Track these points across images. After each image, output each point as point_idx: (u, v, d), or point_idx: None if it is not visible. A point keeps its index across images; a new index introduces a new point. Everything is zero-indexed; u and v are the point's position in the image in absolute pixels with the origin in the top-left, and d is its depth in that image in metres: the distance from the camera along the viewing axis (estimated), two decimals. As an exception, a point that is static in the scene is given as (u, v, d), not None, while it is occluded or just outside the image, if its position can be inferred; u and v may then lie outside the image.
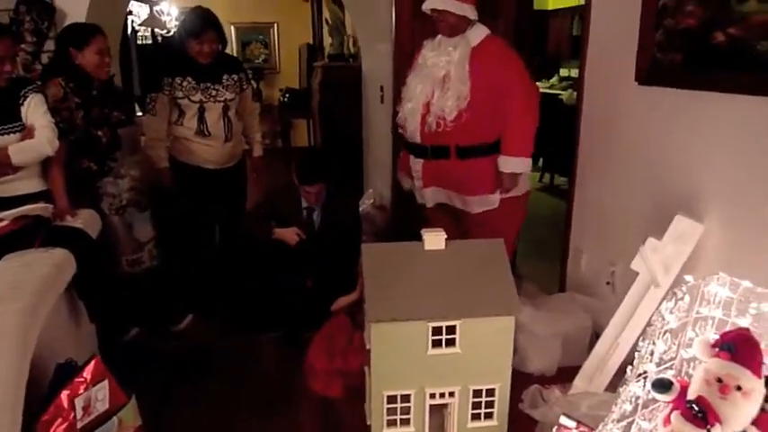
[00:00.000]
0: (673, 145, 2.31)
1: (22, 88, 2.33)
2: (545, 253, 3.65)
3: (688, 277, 1.54)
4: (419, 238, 2.06)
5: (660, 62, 2.30)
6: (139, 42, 7.16)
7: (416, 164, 2.67)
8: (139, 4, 6.75)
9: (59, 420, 1.44)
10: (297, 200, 3.06)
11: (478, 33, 2.52)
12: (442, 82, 2.49)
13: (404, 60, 2.91)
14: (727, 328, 1.45)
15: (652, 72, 2.34)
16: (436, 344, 1.96)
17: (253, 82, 3.37)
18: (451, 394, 2.01)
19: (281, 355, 2.77)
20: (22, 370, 1.44)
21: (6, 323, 1.47)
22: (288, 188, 3.09)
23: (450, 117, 2.45)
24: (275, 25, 8.17)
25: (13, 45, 2.36)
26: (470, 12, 2.48)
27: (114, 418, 1.58)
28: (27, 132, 2.30)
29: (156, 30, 7.12)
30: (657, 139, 2.39)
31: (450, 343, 1.96)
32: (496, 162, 2.54)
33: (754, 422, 1.33)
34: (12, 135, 2.28)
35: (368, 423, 2.12)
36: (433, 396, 2.00)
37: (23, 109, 2.31)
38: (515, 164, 2.52)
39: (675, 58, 2.23)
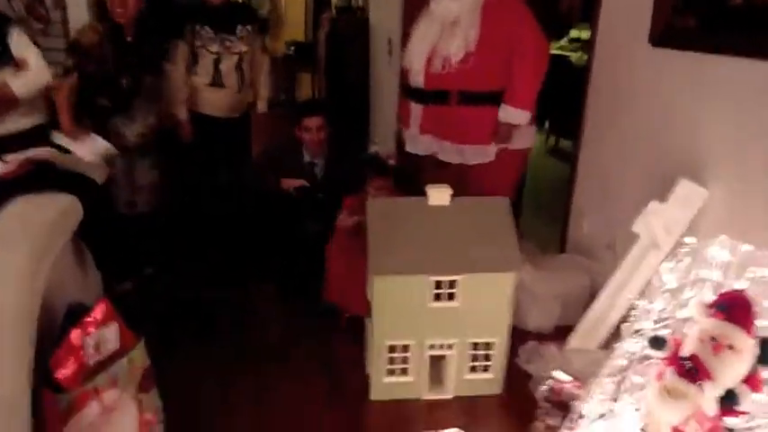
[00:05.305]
0: (680, 109, 2.29)
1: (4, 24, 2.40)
2: (548, 214, 3.67)
3: (689, 239, 1.56)
4: (423, 193, 2.08)
5: (675, 23, 2.26)
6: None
7: (416, 109, 2.66)
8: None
9: (71, 358, 1.48)
10: (299, 154, 3.08)
11: None
12: (451, 25, 2.48)
13: (413, 13, 2.87)
14: (724, 291, 1.49)
15: (666, 33, 2.31)
16: (437, 297, 2.00)
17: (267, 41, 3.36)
18: (450, 346, 2.07)
19: (283, 304, 2.82)
20: (32, 310, 1.48)
21: (16, 265, 1.50)
22: (290, 142, 3.10)
23: (456, 58, 2.45)
24: (281, -26, 7.97)
25: None
26: None
27: (124, 358, 1.63)
28: (21, 64, 2.35)
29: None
30: (666, 102, 2.37)
31: (451, 297, 2.01)
32: (495, 113, 2.54)
33: (745, 380, 1.38)
34: (5, 69, 2.35)
35: (367, 372, 2.19)
36: (432, 347, 2.06)
37: (10, 42, 2.36)
38: (515, 115, 2.52)
39: (691, 19, 2.20)
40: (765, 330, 1.42)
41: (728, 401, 1.35)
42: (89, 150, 2.40)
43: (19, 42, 2.40)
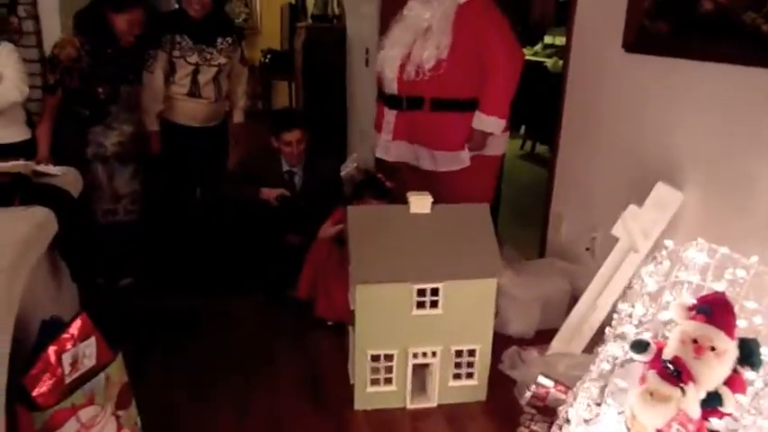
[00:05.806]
0: (656, 113, 2.33)
1: None
2: (526, 220, 3.70)
3: (668, 242, 1.58)
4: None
5: (648, 29, 2.31)
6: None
7: (389, 115, 2.67)
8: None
9: (47, 375, 1.44)
10: (277, 163, 3.06)
11: None
12: (424, 33, 2.49)
13: (390, 23, 2.88)
14: (704, 293, 1.51)
15: (639, 39, 2.35)
16: (420, 305, 2.00)
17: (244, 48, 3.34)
18: (434, 354, 2.06)
19: (264, 315, 2.79)
20: (7, 326, 1.43)
21: (-10, 280, 1.45)
22: (267, 152, 3.08)
23: (429, 65, 2.45)
24: (256, -17, 7.96)
25: None
26: None
27: (102, 374, 1.59)
28: None
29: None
30: (641, 106, 2.41)
31: (434, 304, 2.00)
32: (469, 119, 2.55)
33: (726, 382, 1.39)
34: None
35: (351, 382, 2.17)
36: (415, 356, 2.05)
37: None
38: (488, 122, 2.53)
39: (663, 25, 2.24)
40: (745, 331, 1.45)
41: (712, 403, 1.37)
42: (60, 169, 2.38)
43: (2, 59, 2.47)
